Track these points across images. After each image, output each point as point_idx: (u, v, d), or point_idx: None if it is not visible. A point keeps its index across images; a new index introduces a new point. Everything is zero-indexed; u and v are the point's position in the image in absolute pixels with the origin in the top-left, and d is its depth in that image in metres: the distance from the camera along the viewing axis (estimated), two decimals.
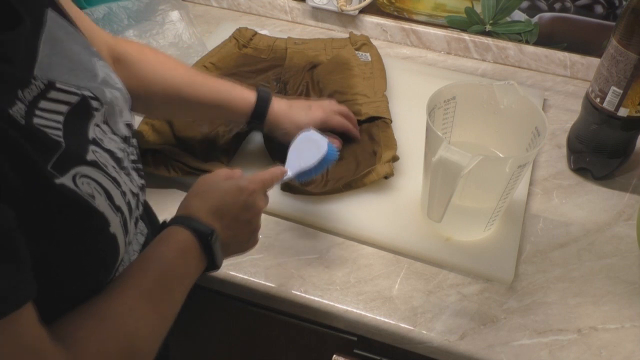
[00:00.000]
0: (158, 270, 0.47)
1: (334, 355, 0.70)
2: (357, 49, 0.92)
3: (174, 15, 0.93)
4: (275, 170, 0.60)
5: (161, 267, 0.48)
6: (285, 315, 0.69)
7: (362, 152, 0.76)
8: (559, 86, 0.95)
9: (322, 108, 0.75)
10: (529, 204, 0.75)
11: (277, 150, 0.75)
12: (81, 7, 0.88)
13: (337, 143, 0.73)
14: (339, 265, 0.67)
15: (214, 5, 1.10)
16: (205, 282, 0.66)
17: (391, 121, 0.80)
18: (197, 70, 0.79)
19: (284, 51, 0.92)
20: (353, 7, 1.00)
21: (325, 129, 0.73)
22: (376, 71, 0.89)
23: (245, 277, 0.65)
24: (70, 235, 0.40)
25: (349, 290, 0.64)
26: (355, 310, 0.63)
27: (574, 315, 0.63)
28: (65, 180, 0.39)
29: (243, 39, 0.93)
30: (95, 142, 0.44)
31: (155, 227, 0.56)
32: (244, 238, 0.56)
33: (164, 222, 0.54)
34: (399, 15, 1.01)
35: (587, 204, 0.75)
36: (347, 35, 0.97)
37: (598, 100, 0.72)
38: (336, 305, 0.63)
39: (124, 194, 0.45)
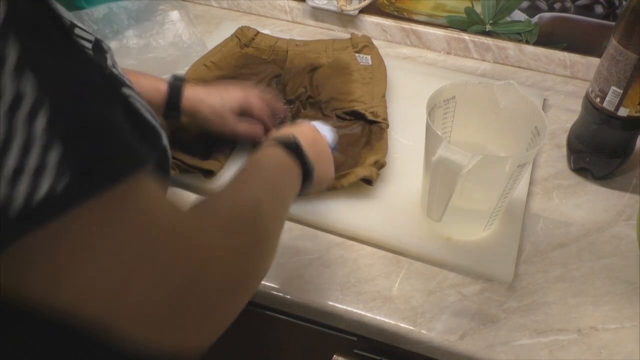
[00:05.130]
0: (270, 170, 0.52)
1: (334, 355, 0.70)
2: (358, 52, 0.92)
3: (174, 15, 0.93)
4: None
5: (272, 168, 0.52)
6: (285, 315, 0.69)
7: (352, 154, 0.76)
8: (559, 86, 0.95)
9: (242, 88, 0.73)
10: (529, 204, 0.75)
11: (214, 143, 0.76)
12: (81, 7, 0.88)
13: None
14: (339, 265, 0.67)
15: (214, 5, 1.10)
16: None
17: (387, 125, 0.79)
18: None
19: (285, 53, 0.92)
20: (353, 7, 1.00)
21: (244, 111, 0.72)
22: (376, 75, 0.88)
23: None
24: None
25: (349, 290, 0.64)
26: (355, 310, 0.63)
27: (574, 315, 0.63)
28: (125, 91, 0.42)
29: (245, 38, 0.93)
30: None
31: None
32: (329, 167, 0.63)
33: None
34: (399, 15, 1.01)
35: (587, 204, 0.75)
36: (347, 36, 0.97)
37: (598, 100, 0.72)
38: (336, 305, 0.63)
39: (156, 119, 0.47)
